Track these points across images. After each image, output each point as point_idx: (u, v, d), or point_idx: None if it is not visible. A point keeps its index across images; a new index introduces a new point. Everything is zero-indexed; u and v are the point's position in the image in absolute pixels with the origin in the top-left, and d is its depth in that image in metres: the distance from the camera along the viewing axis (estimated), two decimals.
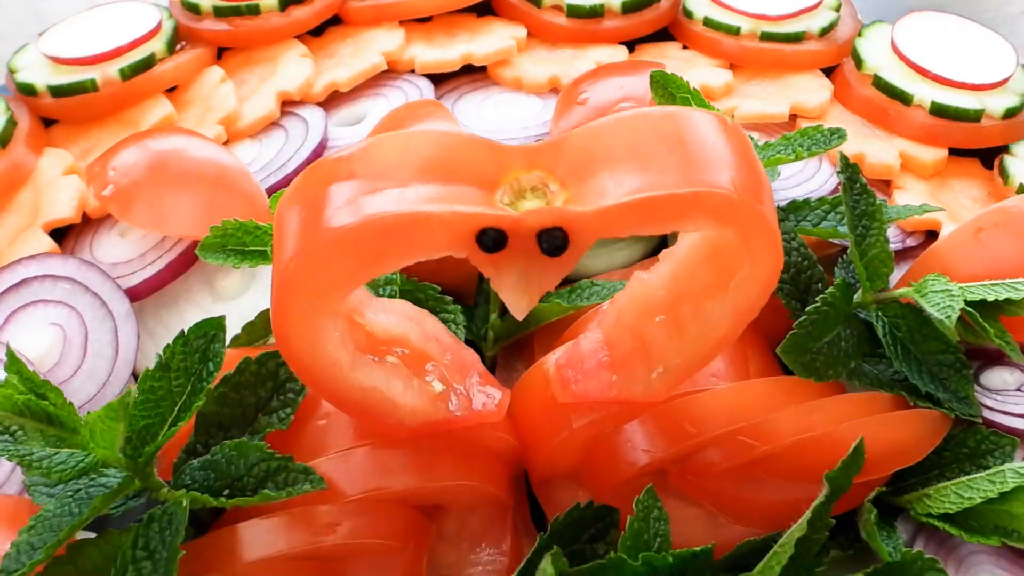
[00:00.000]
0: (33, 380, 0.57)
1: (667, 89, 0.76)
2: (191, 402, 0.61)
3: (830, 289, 0.68)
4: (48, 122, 0.90)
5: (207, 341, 0.61)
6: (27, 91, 0.86)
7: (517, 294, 0.55)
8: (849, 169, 0.69)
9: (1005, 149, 0.86)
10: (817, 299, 0.67)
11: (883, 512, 0.68)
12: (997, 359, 0.74)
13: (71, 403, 0.57)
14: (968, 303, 0.68)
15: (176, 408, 0.61)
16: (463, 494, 0.64)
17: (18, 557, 0.59)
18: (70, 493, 0.62)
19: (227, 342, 0.64)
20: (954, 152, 0.86)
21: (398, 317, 0.63)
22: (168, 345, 0.60)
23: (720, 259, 0.59)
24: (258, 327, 0.72)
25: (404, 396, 0.60)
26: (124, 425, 0.57)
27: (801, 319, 0.66)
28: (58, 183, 0.82)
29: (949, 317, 0.65)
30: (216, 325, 0.61)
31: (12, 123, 0.84)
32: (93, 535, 0.62)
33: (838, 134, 0.74)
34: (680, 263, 0.61)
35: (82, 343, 0.74)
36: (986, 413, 0.70)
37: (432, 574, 0.65)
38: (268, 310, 0.72)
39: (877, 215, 0.70)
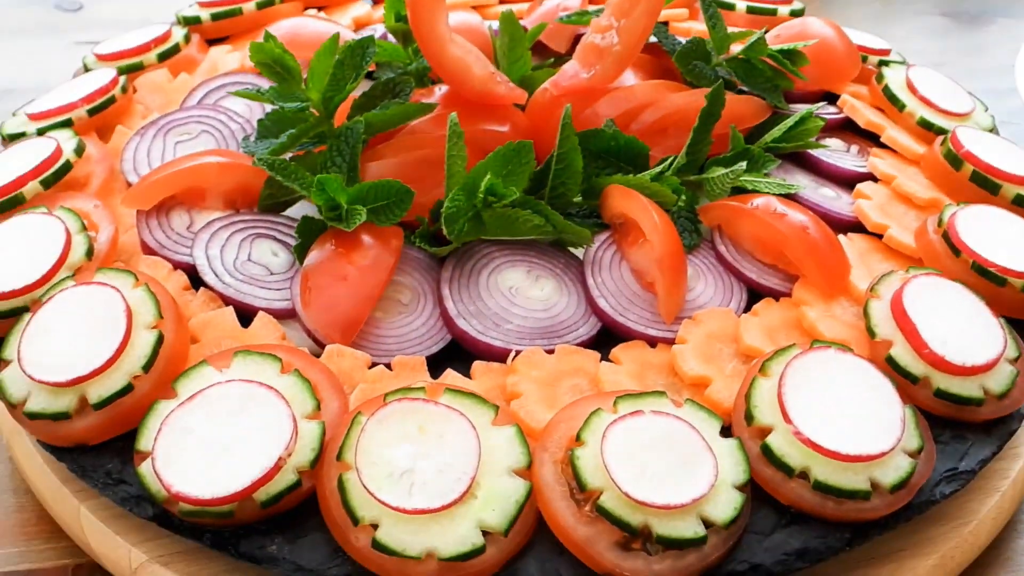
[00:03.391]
0: (281, 46, 1.01)
1: None
2: (356, 80, 1.05)
3: (693, 38, 1.17)
4: None
5: (363, 48, 1.06)
6: (193, 22, 1.33)
7: None
8: None
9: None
10: (687, 43, 1.17)
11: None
12: None
13: (299, 63, 1.02)
14: (775, 51, 1.18)
15: (346, 83, 1.05)
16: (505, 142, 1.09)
17: (266, 153, 1.01)
18: (293, 121, 1.04)
19: None
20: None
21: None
22: (340, 47, 1.05)
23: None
24: None
25: (475, 67, 1.05)
26: (331, 60, 1.01)
27: (683, 44, 1.16)
28: (226, 56, 1.28)
29: (761, 37, 1.15)
30: (369, 41, 1.06)
31: (189, 34, 1.31)
32: None
33: None
34: (611, 9, 1.10)
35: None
36: None
37: None
38: None
39: (720, 16, 1.20)
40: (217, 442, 0.77)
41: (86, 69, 1.24)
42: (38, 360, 0.84)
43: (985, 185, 1.05)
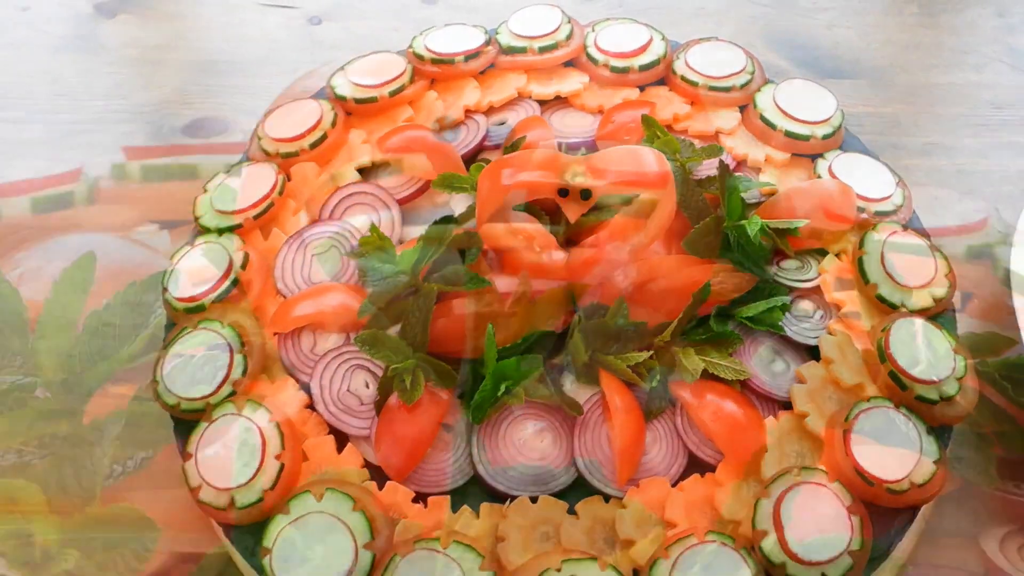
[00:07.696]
0: (381, 235, 1.38)
1: (649, 123, 1.55)
2: (437, 250, 1.42)
3: (708, 218, 1.47)
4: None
5: (445, 226, 1.42)
6: (341, 99, 1.65)
7: (572, 214, 1.36)
8: (723, 166, 1.47)
9: (821, 155, 1.62)
10: (701, 223, 1.47)
11: (723, 317, 1.48)
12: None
13: (393, 244, 1.40)
14: (770, 228, 1.47)
15: (431, 254, 1.42)
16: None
17: (368, 306, 1.41)
18: (388, 282, 1.44)
19: None
20: (796, 155, 1.62)
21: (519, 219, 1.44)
22: (428, 227, 1.41)
23: (653, 203, 1.39)
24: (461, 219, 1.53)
25: (524, 251, 1.40)
26: (414, 253, 1.39)
27: (694, 229, 1.45)
28: (360, 146, 1.62)
29: (755, 233, 1.44)
30: (450, 218, 1.41)
31: (336, 115, 1.67)
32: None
33: (718, 150, 1.53)
34: (637, 206, 1.41)
35: (378, 222, 1.56)
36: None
37: None
38: (462, 212, 1.54)
39: (737, 186, 1.48)
40: (311, 552, 1.24)
41: (257, 140, 1.62)
42: (207, 464, 1.31)
43: (898, 382, 1.36)
